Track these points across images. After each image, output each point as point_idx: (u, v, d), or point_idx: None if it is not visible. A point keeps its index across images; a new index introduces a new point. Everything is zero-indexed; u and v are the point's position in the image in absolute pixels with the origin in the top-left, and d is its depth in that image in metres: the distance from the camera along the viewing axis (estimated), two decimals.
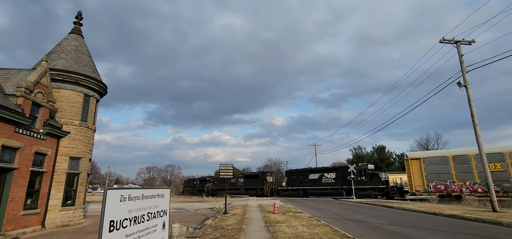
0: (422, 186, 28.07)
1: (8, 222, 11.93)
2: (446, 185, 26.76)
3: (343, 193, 33.87)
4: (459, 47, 18.52)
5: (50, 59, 16.51)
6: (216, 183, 48.18)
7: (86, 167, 16.89)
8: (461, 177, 26.21)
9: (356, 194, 32.41)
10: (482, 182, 24.34)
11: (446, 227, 11.62)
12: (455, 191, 26.26)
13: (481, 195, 24.76)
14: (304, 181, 37.05)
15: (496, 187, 23.57)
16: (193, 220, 16.24)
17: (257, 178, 40.16)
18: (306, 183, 36.77)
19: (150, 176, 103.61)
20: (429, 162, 28.31)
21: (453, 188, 26.34)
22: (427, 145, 52.16)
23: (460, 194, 25.89)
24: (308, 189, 36.55)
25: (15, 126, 12.24)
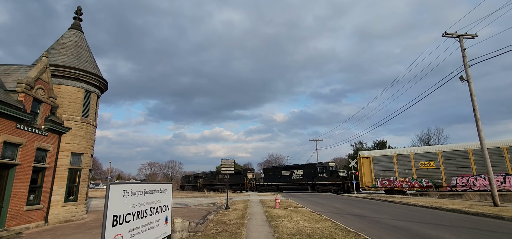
0: (370, 182, 31.38)
1: (11, 218, 12.00)
2: (390, 181, 30.26)
3: (308, 188, 37.38)
4: (462, 41, 18.38)
5: (50, 55, 16.46)
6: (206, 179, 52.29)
7: (88, 162, 16.94)
8: (402, 173, 29.71)
9: (318, 188, 36.13)
10: (419, 178, 28.40)
11: (447, 221, 11.64)
12: (397, 186, 29.82)
13: (417, 190, 28.33)
14: (278, 177, 40.30)
15: (429, 182, 27.90)
16: (195, 215, 16.31)
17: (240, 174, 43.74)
18: (279, 179, 40.02)
19: (152, 171, 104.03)
20: (377, 160, 31.51)
21: (395, 183, 29.86)
22: (428, 140, 52.16)
23: (401, 189, 29.44)
24: (280, 184, 39.76)
25: (16, 122, 12.25)
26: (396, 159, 30.31)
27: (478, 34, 18.65)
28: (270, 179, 41.08)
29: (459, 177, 26.72)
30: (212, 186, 48.35)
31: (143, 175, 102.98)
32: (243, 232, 9.47)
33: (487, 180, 23.10)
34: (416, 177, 28.68)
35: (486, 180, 24.75)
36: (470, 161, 26.36)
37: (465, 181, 26.44)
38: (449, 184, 27.18)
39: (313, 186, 36.83)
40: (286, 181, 39.26)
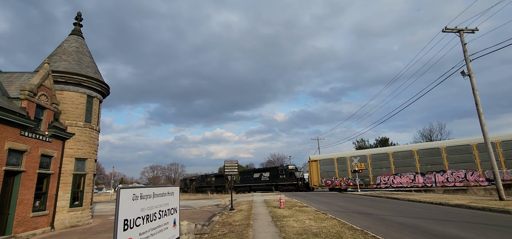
0: (317, 181, 35.79)
1: (18, 224, 12.04)
2: (332, 180, 34.79)
3: (272, 188, 41.76)
4: (462, 36, 18.34)
5: (52, 61, 16.52)
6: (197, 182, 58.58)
7: (92, 167, 16.98)
8: (341, 174, 34.36)
9: (280, 188, 40.27)
10: (353, 178, 32.86)
11: (453, 217, 11.61)
12: (337, 185, 34.30)
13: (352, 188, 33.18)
14: (250, 179, 44.97)
15: (361, 181, 32.40)
16: (200, 217, 16.32)
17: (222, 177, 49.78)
18: (252, 181, 44.71)
19: (154, 174, 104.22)
20: (323, 163, 36.09)
21: (336, 182, 34.46)
22: (430, 135, 52.00)
23: (340, 187, 34.10)
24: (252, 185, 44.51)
25: (20, 129, 12.31)
26: (336, 161, 34.98)
27: (478, 29, 18.62)
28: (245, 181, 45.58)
29: (382, 176, 30.97)
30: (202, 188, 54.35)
31: (146, 178, 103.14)
32: (250, 233, 9.46)
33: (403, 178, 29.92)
34: (351, 177, 33.32)
35: (402, 177, 29.91)
36: (390, 163, 30.87)
37: (386, 179, 30.65)
38: (375, 182, 31.50)
39: (276, 186, 41.21)
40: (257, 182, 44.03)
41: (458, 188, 26.69)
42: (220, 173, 52.06)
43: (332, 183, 34.70)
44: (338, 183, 34.16)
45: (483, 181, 25.81)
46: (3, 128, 11.36)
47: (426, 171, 28.93)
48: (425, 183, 28.74)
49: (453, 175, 27.49)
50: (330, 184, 34.83)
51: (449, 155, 27.96)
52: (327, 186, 35.02)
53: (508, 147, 24.93)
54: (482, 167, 25.93)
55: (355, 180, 30.11)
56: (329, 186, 34.86)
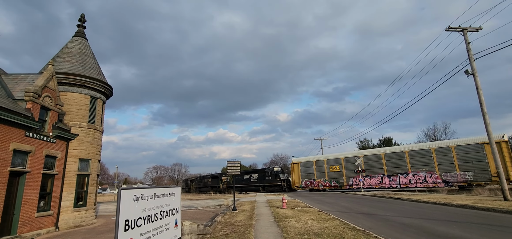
0: (298, 183, 38.39)
1: (23, 224, 12.18)
2: (311, 182, 37.29)
3: (260, 188, 44.58)
4: (466, 34, 18.19)
5: (56, 63, 16.69)
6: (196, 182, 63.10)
7: (96, 168, 17.11)
8: (318, 176, 36.92)
9: (266, 188, 43.43)
10: (329, 179, 35.69)
11: (457, 217, 11.52)
12: (315, 186, 36.80)
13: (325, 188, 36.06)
14: (241, 180, 47.74)
15: (336, 182, 35.26)
16: (203, 218, 16.37)
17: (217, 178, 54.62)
18: (242, 182, 47.74)
19: (158, 175, 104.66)
20: (303, 165, 38.71)
21: (314, 183, 36.94)
22: (434, 135, 51.64)
23: (318, 188, 36.58)
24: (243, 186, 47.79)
25: (25, 130, 12.45)
26: (315, 164, 37.52)
27: (482, 27, 18.45)
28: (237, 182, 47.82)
29: (354, 178, 33.50)
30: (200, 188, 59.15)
31: (150, 179, 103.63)
32: (252, 233, 9.48)
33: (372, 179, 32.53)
34: (328, 178, 35.80)
35: (371, 179, 32.45)
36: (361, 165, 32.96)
37: (357, 181, 33.01)
38: (348, 183, 34.06)
39: (263, 187, 44.32)
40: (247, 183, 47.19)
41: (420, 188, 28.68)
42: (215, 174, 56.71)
43: (311, 184, 37.34)
44: (316, 184, 36.83)
45: (440, 183, 27.80)
46: (8, 129, 11.50)
47: (392, 173, 31.04)
48: (390, 184, 30.80)
49: (414, 177, 29.37)
50: (309, 185, 37.53)
51: (412, 158, 29.93)
52: (307, 186, 37.81)
53: (462, 152, 27.04)
54: (439, 170, 27.97)
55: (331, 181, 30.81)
56: (308, 186, 37.65)
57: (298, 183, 38.37)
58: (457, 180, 26.78)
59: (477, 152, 26.19)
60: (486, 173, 25.28)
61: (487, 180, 25.29)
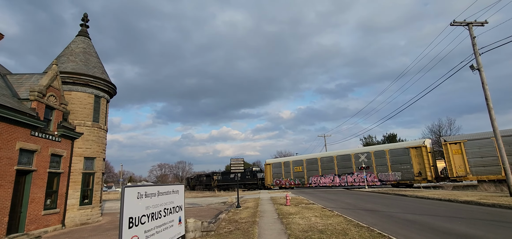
0: (270, 181, 42.57)
1: (30, 222, 12.36)
2: (280, 181, 41.17)
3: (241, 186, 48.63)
4: (471, 29, 17.94)
5: (60, 62, 16.81)
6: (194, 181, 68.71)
7: (101, 166, 17.27)
8: (286, 175, 40.87)
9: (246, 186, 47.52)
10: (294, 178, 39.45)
11: (462, 214, 11.44)
12: (283, 185, 40.55)
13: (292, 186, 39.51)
14: (228, 179, 51.79)
15: (299, 181, 38.88)
16: (207, 215, 16.46)
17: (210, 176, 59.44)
18: (229, 180, 51.61)
19: (162, 173, 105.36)
20: (274, 166, 42.92)
21: (282, 182, 40.87)
22: (439, 131, 51.16)
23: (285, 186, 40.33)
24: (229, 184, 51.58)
25: (31, 129, 12.59)
26: (283, 165, 41.39)
27: (487, 22, 18.18)
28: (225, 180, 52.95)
29: (313, 177, 37.38)
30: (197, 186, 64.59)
31: (154, 177, 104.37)
32: (255, 230, 9.51)
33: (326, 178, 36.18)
34: (293, 177, 39.56)
35: (325, 178, 36.24)
36: (318, 166, 37.14)
37: (315, 180, 36.81)
38: (308, 182, 37.83)
39: (244, 185, 48.60)
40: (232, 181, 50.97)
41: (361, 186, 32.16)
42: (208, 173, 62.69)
43: (280, 182, 41.13)
44: (284, 183, 40.64)
45: (377, 181, 31.58)
46: (14, 129, 11.64)
47: (341, 173, 34.95)
48: (340, 182, 34.85)
49: (358, 176, 33.19)
50: (278, 183, 41.33)
51: (356, 160, 33.74)
52: (276, 185, 41.57)
53: (393, 155, 30.76)
54: (376, 170, 31.74)
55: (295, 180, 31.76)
56: (278, 184, 41.35)
57: (270, 181, 42.50)
58: (389, 179, 30.63)
59: (404, 155, 29.84)
60: (411, 173, 29.11)
61: (411, 179, 29.12)
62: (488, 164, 24.59)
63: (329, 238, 7.74)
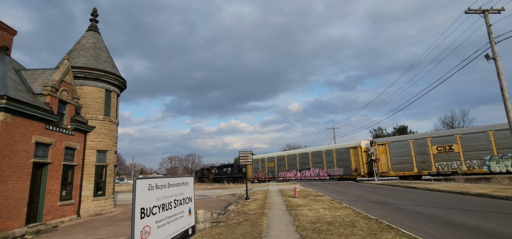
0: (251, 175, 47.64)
1: (47, 212, 12.85)
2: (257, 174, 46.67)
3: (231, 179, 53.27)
4: (487, 16, 17.31)
5: (71, 57, 17.16)
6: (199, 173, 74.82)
7: (113, 159, 17.69)
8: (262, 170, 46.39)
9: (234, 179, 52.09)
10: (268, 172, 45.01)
11: (474, 206, 11.26)
12: (260, 178, 46.08)
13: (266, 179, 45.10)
14: (222, 173, 57.27)
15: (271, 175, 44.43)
16: (216, 206, 16.72)
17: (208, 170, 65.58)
18: (223, 174, 57.08)
19: (172, 165, 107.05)
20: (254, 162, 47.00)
21: (259, 176, 46.33)
22: (452, 123, 50.04)
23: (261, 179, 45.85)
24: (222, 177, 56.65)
25: (45, 123, 12.98)
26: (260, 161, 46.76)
27: (504, 8, 17.50)
28: (220, 174, 58.37)
29: (281, 172, 42.86)
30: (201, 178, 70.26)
31: (164, 169, 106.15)
32: (264, 222, 9.63)
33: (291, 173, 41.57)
34: (267, 172, 45.19)
35: (290, 173, 41.58)
36: (286, 163, 42.65)
37: (283, 174, 42.55)
38: (278, 176, 43.14)
39: (233, 178, 53.24)
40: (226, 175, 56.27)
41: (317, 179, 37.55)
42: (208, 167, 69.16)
43: (258, 176, 46.59)
44: (260, 176, 46.16)
45: (326, 176, 36.99)
46: (29, 123, 12.03)
47: (302, 169, 40.01)
48: (301, 176, 39.89)
49: (313, 171, 38.51)
50: (257, 176, 46.78)
51: (313, 158, 38.97)
52: (255, 178, 46.84)
53: (338, 154, 35.96)
54: (326, 167, 37.07)
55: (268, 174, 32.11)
56: (256, 178, 46.72)
57: (251, 175, 48.00)
58: (335, 174, 35.98)
59: (346, 154, 35.16)
60: (350, 169, 34.50)
61: (350, 174, 34.34)
62: (404, 162, 29.59)
63: (337, 229, 7.77)
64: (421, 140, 28.92)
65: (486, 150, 25.27)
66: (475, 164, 25.69)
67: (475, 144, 25.92)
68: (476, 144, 25.86)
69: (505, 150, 24.18)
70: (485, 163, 25.23)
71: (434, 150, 27.85)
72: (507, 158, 24.10)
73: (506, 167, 24.04)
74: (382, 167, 31.04)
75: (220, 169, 60.56)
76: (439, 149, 27.56)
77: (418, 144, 28.95)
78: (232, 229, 8.89)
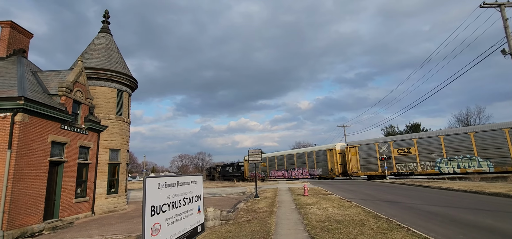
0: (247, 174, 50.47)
1: (63, 209, 13.30)
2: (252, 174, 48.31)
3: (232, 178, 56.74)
4: (503, 10, 16.73)
5: (84, 58, 17.62)
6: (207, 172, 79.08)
7: (125, 157, 18.10)
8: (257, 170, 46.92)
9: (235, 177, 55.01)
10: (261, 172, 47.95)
11: (489, 206, 10.97)
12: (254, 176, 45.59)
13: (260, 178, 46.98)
14: (225, 171, 62.11)
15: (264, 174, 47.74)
16: (226, 204, 16.88)
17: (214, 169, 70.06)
18: (225, 172, 61.88)
19: (183, 163, 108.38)
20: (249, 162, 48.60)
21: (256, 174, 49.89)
22: (467, 120, 48.67)
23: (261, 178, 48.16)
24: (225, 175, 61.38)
25: (60, 123, 13.41)
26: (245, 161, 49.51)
27: None
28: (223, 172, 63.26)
29: (272, 171, 46.41)
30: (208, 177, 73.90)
31: (175, 167, 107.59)
32: (273, 220, 9.68)
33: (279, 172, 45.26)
34: (260, 171, 47.84)
35: (279, 172, 45.40)
36: (275, 163, 46.29)
37: (274, 173, 46.08)
38: (269, 175, 46.94)
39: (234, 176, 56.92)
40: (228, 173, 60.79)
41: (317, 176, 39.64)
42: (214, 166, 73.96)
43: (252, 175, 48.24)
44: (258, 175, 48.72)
45: (307, 175, 40.56)
46: (46, 123, 12.46)
47: (288, 168, 43.83)
48: (287, 176, 43.59)
49: (297, 171, 42.23)
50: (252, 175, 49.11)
51: (297, 159, 42.82)
52: (251, 177, 49.15)
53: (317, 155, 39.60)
54: (308, 167, 40.60)
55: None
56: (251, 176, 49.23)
57: (247, 174, 50.88)
58: (315, 174, 39.50)
59: (323, 156, 38.80)
60: (326, 169, 38.05)
61: (327, 174, 37.93)
62: (371, 163, 32.32)
63: (346, 228, 7.73)
64: (385, 143, 31.70)
65: (437, 152, 27.62)
66: (428, 165, 28.00)
67: (428, 147, 28.21)
68: (429, 147, 28.14)
69: (452, 153, 26.71)
70: (436, 164, 27.57)
71: (395, 153, 30.38)
72: (454, 160, 26.56)
73: (453, 168, 26.45)
74: (353, 167, 34.07)
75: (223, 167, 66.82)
76: (400, 152, 30.00)
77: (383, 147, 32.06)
78: (241, 227, 8.98)
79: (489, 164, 24.59)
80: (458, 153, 26.29)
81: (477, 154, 25.21)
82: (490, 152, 24.57)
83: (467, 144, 25.86)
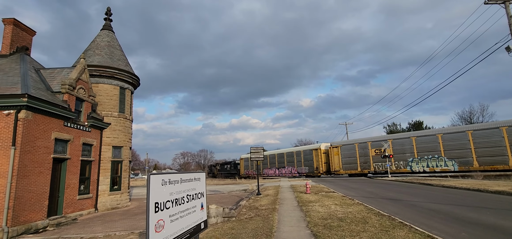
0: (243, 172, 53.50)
1: (67, 206, 13.40)
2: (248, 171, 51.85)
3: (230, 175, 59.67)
4: (508, 7, 16.57)
5: (87, 56, 17.66)
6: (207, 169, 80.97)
7: (128, 154, 18.18)
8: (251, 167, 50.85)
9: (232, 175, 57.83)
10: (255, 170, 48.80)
11: (492, 204, 10.94)
12: (249, 174, 50.68)
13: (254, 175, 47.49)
14: (224, 169, 65.24)
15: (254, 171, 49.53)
16: (228, 201, 16.93)
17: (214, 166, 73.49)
18: (224, 170, 65.05)
19: (185, 161, 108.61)
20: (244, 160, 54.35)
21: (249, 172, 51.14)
22: (470, 118, 48.40)
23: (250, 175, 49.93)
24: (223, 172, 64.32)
25: (64, 120, 13.48)
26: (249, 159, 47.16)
27: None
28: (222, 170, 66.18)
29: (265, 169, 48.86)
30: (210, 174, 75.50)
31: (177, 165, 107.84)
32: (275, 217, 9.71)
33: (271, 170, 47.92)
34: (254, 168, 48.94)
35: (271, 170, 47.90)
36: (268, 161, 48.71)
37: (266, 171, 48.41)
38: (264, 172, 48.71)
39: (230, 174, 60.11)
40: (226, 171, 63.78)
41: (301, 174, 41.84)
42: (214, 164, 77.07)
43: (248, 172, 51.73)
44: (250, 173, 50.93)
45: (296, 173, 42.62)
46: (49, 120, 12.52)
47: (280, 167, 46.38)
48: (279, 173, 46.08)
49: (287, 169, 44.49)
50: (247, 173, 52.12)
51: (287, 158, 45.10)
52: (246, 174, 52.05)
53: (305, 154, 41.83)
54: (296, 165, 42.89)
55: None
56: (247, 174, 51.93)
57: (243, 172, 53.82)
58: (302, 172, 41.53)
59: (310, 155, 40.97)
60: (312, 168, 40.09)
61: (313, 172, 39.84)
62: (351, 162, 34.78)
63: (348, 226, 7.75)
64: (364, 143, 33.73)
65: (409, 153, 29.29)
66: (401, 164, 29.66)
67: (401, 148, 29.88)
68: (402, 148, 29.82)
69: (422, 153, 28.30)
70: (408, 164, 29.20)
71: (372, 153, 31.77)
72: (423, 160, 28.13)
73: (423, 168, 27.93)
74: (335, 166, 36.39)
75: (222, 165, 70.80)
76: (376, 152, 30.98)
77: (362, 147, 33.88)
78: (244, 224, 9.02)
79: (454, 163, 26.04)
80: (428, 153, 27.90)
81: (444, 154, 26.79)
82: (455, 153, 26.13)
83: (435, 145, 27.41)
